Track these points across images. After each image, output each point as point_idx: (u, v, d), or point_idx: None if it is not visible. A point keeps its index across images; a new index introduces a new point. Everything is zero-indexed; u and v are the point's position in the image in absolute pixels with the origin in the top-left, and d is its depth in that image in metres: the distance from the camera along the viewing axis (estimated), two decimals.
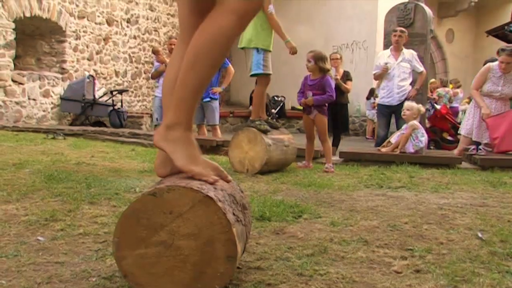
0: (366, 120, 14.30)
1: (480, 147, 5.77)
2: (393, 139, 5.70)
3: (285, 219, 2.67)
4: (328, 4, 15.44)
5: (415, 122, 5.59)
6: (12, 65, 8.91)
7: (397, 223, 2.65)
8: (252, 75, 4.87)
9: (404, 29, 7.35)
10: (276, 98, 13.90)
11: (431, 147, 9.06)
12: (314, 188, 3.65)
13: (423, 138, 5.52)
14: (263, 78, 4.87)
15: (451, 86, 13.71)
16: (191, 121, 1.76)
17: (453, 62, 18.88)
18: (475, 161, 5.49)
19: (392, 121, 7.20)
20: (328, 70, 5.36)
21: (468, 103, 12.52)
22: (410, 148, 5.47)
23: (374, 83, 12.38)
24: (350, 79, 7.50)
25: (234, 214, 1.56)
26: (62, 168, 3.99)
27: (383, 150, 5.71)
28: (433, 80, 13.65)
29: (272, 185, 3.81)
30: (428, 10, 10.22)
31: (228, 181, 1.78)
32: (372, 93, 12.81)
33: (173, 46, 7.40)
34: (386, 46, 10.53)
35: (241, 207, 1.71)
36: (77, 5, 10.32)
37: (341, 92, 7.19)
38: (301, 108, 5.55)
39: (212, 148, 6.27)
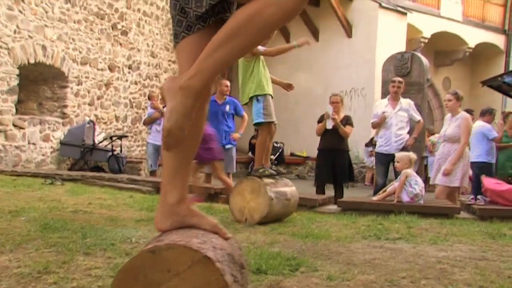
0: (365, 167, 14.32)
1: (479, 197, 5.76)
2: (389, 188, 5.68)
3: (282, 272, 2.64)
4: (327, 52, 15.66)
5: (408, 171, 5.59)
6: (14, 110, 8.98)
7: (394, 278, 2.62)
8: (255, 124, 4.88)
9: (402, 79, 7.42)
10: (275, 145, 13.90)
11: None
12: (312, 239, 3.62)
13: (417, 186, 5.50)
14: (265, 127, 4.86)
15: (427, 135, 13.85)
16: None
17: None
18: (474, 211, 5.47)
19: (390, 169, 7.20)
20: None
21: None
22: (405, 196, 5.46)
23: (373, 131, 12.47)
24: (351, 124, 7.33)
25: (232, 275, 1.54)
26: (58, 216, 3.96)
27: (375, 198, 5.72)
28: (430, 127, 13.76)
29: (269, 236, 3.77)
30: (424, 59, 10.37)
31: (226, 239, 1.78)
32: (371, 141, 12.87)
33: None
34: (384, 95, 10.65)
35: (239, 267, 1.69)
36: (80, 52, 10.45)
37: (340, 137, 7.15)
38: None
39: (210, 195, 6.26)
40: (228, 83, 7.97)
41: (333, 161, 7.07)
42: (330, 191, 7.17)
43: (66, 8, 9.97)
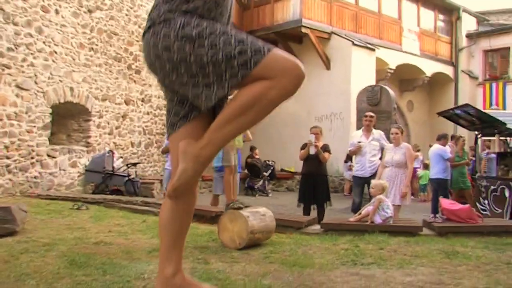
0: (343, 179, 14.30)
1: (438, 215, 5.78)
2: (364, 211, 5.66)
3: None
4: (309, 82, 15.64)
5: (381, 197, 5.58)
6: (47, 143, 8.96)
7: None
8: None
9: (373, 114, 7.42)
10: (267, 162, 13.89)
11: None
12: (298, 269, 3.59)
13: (389, 210, 5.50)
14: (227, 169, 4.98)
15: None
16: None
17: (414, 127, 19.28)
18: (433, 228, 5.48)
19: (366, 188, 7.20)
20: None
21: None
22: (377, 219, 5.44)
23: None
24: (329, 151, 7.33)
25: None
26: (83, 250, 3.93)
27: (352, 219, 5.70)
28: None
29: (262, 265, 3.73)
30: (391, 91, 10.40)
31: None
32: (350, 158, 12.86)
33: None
34: (358, 121, 10.69)
35: None
36: (101, 90, 10.44)
37: (320, 162, 7.14)
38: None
39: (211, 218, 6.20)
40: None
41: (314, 184, 7.04)
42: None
43: (90, 55, 9.97)
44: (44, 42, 8.67)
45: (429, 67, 18.22)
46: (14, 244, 4.16)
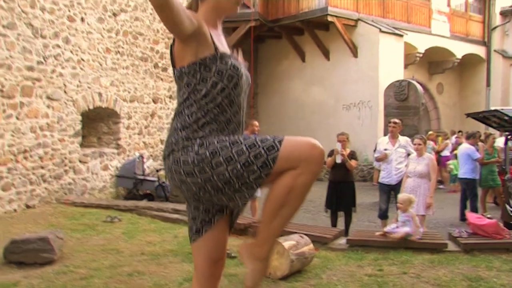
0: (373, 168, 14.30)
1: (463, 230, 5.83)
2: (390, 228, 5.72)
3: None
4: (336, 69, 15.63)
5: (413, 211, 5.71)
6: (79, 149, 9.27)
7: None
8: None
9: (398, 120, 7.41)
10: None
11: None
12: None
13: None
14: None
15: (440, 138, 13.72)
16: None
17: (443, 109, 19.07)
18: (459, 244, 5.54)
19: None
20: None
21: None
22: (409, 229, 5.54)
23: (379, 136, 12.46)
24: (355, 158, 7.30)
25: None
26: (117, 285, 4.17)
27: (378, 234, 5.78)
28: (430, 132, 13.65)
29: None
30: (419, 86, 10.34)
31: None
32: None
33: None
34: (385, 116, 10.67)
35: None
36: (129, 92, 10.66)
37: (347, 170, 7.19)
38: None
39: (240, 230, 6.38)
40: (257, 123, 8.18)
41: (341, 191, 7.13)
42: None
43: (116, 58, 10.17)
44: (71, 51, 8.90)
45: (460, 49, 17.84)
46: (53, 276, 4.44)
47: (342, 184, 7.16)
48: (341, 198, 7.12)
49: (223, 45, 2.04)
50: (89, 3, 9.33)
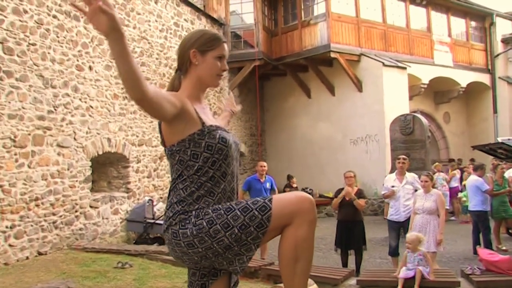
0: (383, 201, 14.25)
1: (475, 267, 5.79)
2: (404, 273, 5.54)
3: None
4: (342, 104, 15.78)
5: (424, 250, 5.68)
6: (90, 194, 9.37)
7: None
8: None
9: (406, 156, 7.46)
10: (305, 190, 14.00)
11: None
12: None
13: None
14: None
15: (450, 170, 13.69)
16: None
17: (452, 138, 19.11)
18: (472, 282, 5.50)
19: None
20: None
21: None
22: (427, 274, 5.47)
23: (386, 171, 12.49)
24: (364, 197, 7.31)
25: None
26: None
27: (395, 274, 5.72)
28: (436, 163, 13.64)
29: None
30: (424, 119, 10.42)
31: None
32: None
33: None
34: (392, 151, 10.70)
35: None
36: (137, 136, 10.84)
37: (355, 209, 7.15)
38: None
39: (250, 273, 6.39)
40: (264, 163, 8.37)
41: (350, 230, 7.12)
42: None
43: (124, 104, 10.38)
44: (80, 99, 9.10)
45: (464, 77, 17.98)
46: None
47: (351, 224, 7.14)
48: (350, 238, 7.11)
49: (208, 117, 2.14)
50: (96, 52, 9.60)
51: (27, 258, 7.83)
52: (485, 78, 18.87)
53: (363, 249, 7.20)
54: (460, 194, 12.39)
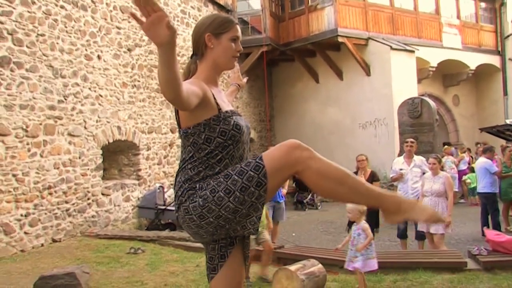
0: (392, 185, 14.29)
1: (482, 247, 5.84)
2: (349, 264, 5.01)
3: None
4: (351, 89, 15.76)
5: (366, 223, 5.07)
6: (101, 182, 9.51)
7: None
8: None
9: (414, 140, 7.48)
10: None
11: None
12: None
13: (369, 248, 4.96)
14: None
15: (460, 152, 13.69)
16: None
17: (461, 121, 19.02)
18: (479, 262, 5.56)
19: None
20: None
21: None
22: (354, 264, 4.94)
23: (395, 154, 12.51)
24: (377, 180, 7.37)
25: None
26: None
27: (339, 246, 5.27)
28: (446, 147, 13.64)
29: None
30: (432, 103, 10.41)
31: None
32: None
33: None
34: (400, 134, 10.73)
35: None
36: (146, 124, 10.95)
37: None
38: None
39: (259, 257, 6.47)
40: None
41: None
42: None
43: (133, 92, 10.48)
44: (89, 88, 9.21)
45: (473, 60, 17.85)
46: None
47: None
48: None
49: (224, 101, 2.21)
50: (104, 41, 9.67)
51: (42, 245, 8.00)
52: (495, 60, 18.74)
53: (375, 232, 7.27)
54: (464, 177, 12.43)
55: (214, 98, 2.12)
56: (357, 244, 4.89)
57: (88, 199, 9.16)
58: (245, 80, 3.00)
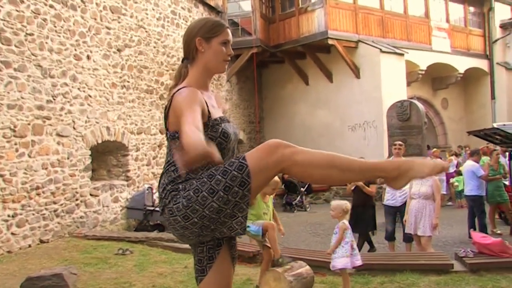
0: (381, 187, 14.37)
1: (469, 249, 5.91)
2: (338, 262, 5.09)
3: None
4: (340, 91, 15.85)
5: (345, 222, 5.08)
6: (90, 183, 9.47)
7: None
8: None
9: (402, 143, 7.55)
10: None
11: None
12: None
13: (348, 247, 5.06)
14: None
15: (448, 155, 13.83)
16: None
17: (450, 124, 19.20)
18: (465, 264, 5.62)
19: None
20: None
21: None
22: (337, 263, 5.06)
23: (384, 157, 12.61)
24: (373, 183, 7.47)
25: None
26: None
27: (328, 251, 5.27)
28: (435, 149, 13.77)
29: None
30: (420, 106, 10.51)
31: None
32: None
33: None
34: (389, 136, 10.81)
35: None
36: (136, 124, 10.92)
37: (366, 195, 7.38)
38: None
39: (249, 258, 6.51)
40: None
41: (359, 215, 7.24)
42: None
43: (122, 93, 10.45)
44: (78, 89, 9.17)
45: (462, 63, 18.06)
46: None
47: (361, 208, 7.32)
48: (358, 222, 7.23)
49: (214, 107, 2.23)
50: (94, 41, 9.64)
51: (30, 246, 7.96)
52: (483, 64, 18.97)
53: (372, 234, 7.38)
54: (452, 180, 12.55)
55: (207, 106, 2.14)
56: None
57: (77, 199, 9.13)
58: (226, 106, 3.02)
